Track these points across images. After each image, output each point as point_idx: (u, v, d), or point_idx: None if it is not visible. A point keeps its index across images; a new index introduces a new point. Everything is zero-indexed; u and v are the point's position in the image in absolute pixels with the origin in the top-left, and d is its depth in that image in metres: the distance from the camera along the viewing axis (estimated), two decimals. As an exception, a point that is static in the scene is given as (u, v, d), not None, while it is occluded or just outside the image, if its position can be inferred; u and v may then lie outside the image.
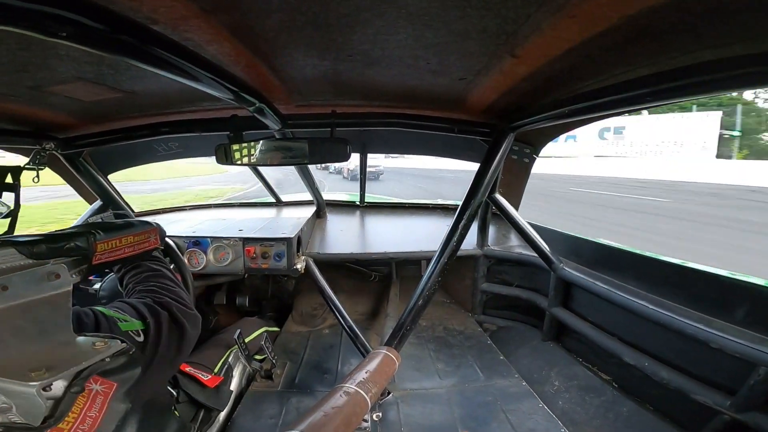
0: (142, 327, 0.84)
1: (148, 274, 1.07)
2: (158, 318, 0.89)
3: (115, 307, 0.85)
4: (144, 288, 1.01)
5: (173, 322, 0.93)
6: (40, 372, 0.58)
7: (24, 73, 0.88)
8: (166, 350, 0.88)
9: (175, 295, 1.01)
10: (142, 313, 0.87)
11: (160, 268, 1.11)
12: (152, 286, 1.01)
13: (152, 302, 0.93)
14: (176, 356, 0.94)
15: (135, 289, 1.01)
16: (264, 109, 1.14)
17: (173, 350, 0.91)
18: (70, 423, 0.61)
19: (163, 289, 1.02)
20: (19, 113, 1.23)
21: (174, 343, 0.91)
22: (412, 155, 2.68)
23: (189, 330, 0.96)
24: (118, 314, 0.81)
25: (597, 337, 1.55)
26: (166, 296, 0.99)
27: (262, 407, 1.53)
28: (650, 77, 0.82)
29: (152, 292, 0.99)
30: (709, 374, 1.16)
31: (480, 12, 0.64)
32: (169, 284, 1.05)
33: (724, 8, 0.58)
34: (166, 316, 0.92)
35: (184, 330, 0.95)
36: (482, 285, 2.31)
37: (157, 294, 0.98)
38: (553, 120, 1.18)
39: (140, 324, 0.84)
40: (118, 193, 2.14)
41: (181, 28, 0.67)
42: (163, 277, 1.08)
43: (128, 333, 0.79)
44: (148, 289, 1.00)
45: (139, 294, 0.98)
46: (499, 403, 1.53)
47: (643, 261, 1.46)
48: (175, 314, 0.94)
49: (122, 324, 0.79)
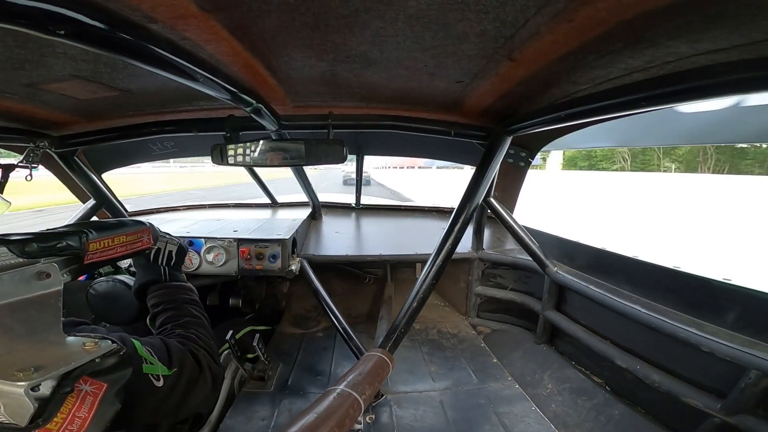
0: (166, 373, 0.84)
1: (188, 320, 1.08)
2: (185, 368, 0.91)
3: (150, 344, 0.86)
4: (184, 333, 1.02)
5: (201, 378, 0.95)
6: (29, 372, 0.57)
7: (20, 70, 0.87)
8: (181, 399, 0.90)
9: (211, 350, 1.04)
10: (173, 361, 0.88)
11: (201, 317, 1.13)
12: (192, 334, 1.03)
13: (189, 351, 0.95)
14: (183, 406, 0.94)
15: (174, 332, 1.02)
16: (261, 110, 1.14)
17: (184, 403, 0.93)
18: (59, 423, 0.60)
19: (201, 339, 1.04)
20: (14, 110, 1.22)
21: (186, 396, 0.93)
22: (408, 157, 2.68)
23: (209, 390, 1.00)
24: (148, 355, 0.82)
25: (589, 341, 1.55)
26: (203, 349, 1.01)
27: (254, 409, 1.52)
28: (646, 82, 0.83)
29: (191, 341, 1.01)
30: (700, 377, 1.17)
31: (478, 15, 0.64)
32: (206, 336, 1.07)
33: (720, 14, 0.59)
34: (196, 370, 0.94)
35: (206, 386, 0.98)
36: (476, 288, 2.32)
37: (196, 344, 1.00)
38: (549, 124, 1.19)
39: (166, 370, 0.85)
40: (111, 192, 2.12)
41: (180, 27, 0.67)
42: (203, 327, 1.10)
43: (147, 375, 0.80)
44: (188, 336, 1.02)
45: (179, 338, 1.00)
46: (492, 406, 1.53)
47: (636, 265, 1.47)
48: (205, 372, 0.97)
49: (146, 366, 0.80)
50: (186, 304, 1.13)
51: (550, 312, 1.82)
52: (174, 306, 1.11)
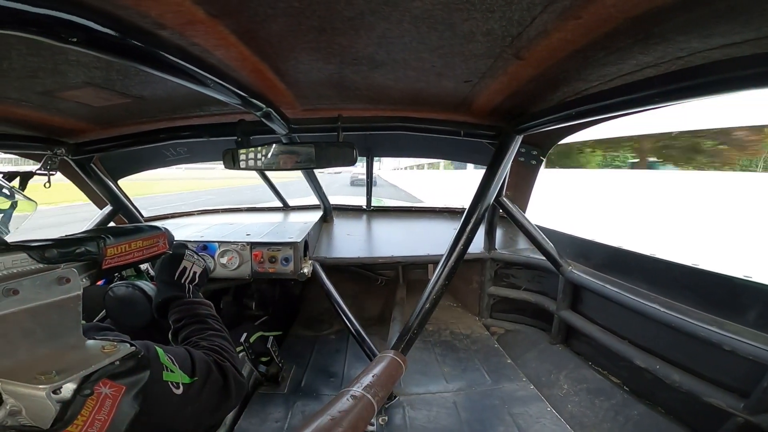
0: (186, 381, 0.84)
1: (212, 333, 1.09)
2: (210, 379, 0.91)
3: (174, 353, 0.86)
4: (209, 345, 1.03)
5: (225, 389, 0.95)
6: (50, 375, 0.58)
7: (35, 78, 0.89)
8: (202, 410, 0.90)
9: (235, 362, 1.04)
10: (196, 369, 0.88)
11: (222, 330, 1.14)
12: (217, 346, 1.04)
13: (213, 363, 0.95)
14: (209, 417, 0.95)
15: (199, 344, 1.03)
16: (271, 114, 1.15)
17: (207, 413, 0.93)
18: (79, 426, 0.61)
19: (225, 351, 1.04)
20: (30, 118, 1.25)
21: (211, 406, 0.93)
22: (419, 158, 2.67)
23: (233, 401, 1.00)
24: (169, 363, 0.82)
25: (607, 340, 1.53)
26: (228, 362, 1.01)
27: (268, 410, 1.53)
28: (658, 78, 0.81)
29: (216, 352, 1.01)
30: (722, 377, 1.14)
31: (484, 14, 0.64)
32: (230, 349, 1.08)
33: (730, 8, 0.57)
34: (220, 381, 0.94)
35: (229, 399, 0.98)
36: (489, 288, 2.30)
37: (221, 356, 1.01)
38: (559, 122, 1.17)
39: (186, 378, 0.85)
40: (128, 198, 2.16)
41: (188, 33, 0.68)
42: (226, 340, 1.10)
43: (167, 383, 0.79)
44: (213, 348, 1.03)
45: (203, 350, 1.00)
46: (507, 406, 1.52)
47: (654, 263, 1.44)
48: (230, 383, 0.97)
49: (166, 374, 0.80)
50: (208, 318, 1.14)
51: (566, 312, 1.80)
52: (197, 320, 1.12)
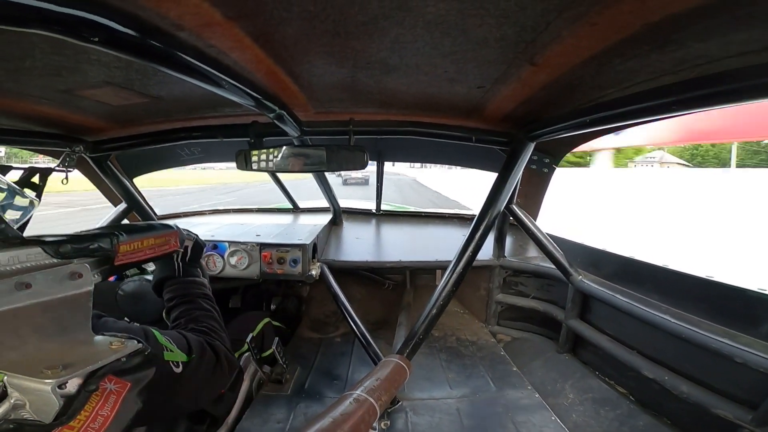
0: (185, 360, 0.87)
1: (200, 314, 1.11)
2: (204, 357, 0.94)
3: (168, 335, 0.89)
4: (197, 327, 1.05)
5: (218, 367, 0.98)
6: (57, 369, 0.59)
7: (57, 76, 0.91)
8: (199, 387, 0.93)
9: (224, 341, 1.07)
10: (192, 347, 0.91)
11: (212, 309, 1.15)
12: (204, 327, 1.06)
13: (205, 342, 0.98)
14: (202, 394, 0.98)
15: (188, 326, 1.05)
16: (283, 116, 1.16)
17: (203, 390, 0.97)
18: (81, 421, 0.62)
19: (214, 331, 1.06)
20: (51, 116, 1.28)
21: (205, 383, 0.96)
22: (430, 164, 2.67)
23: (227, 377, 1.03)
24: (168, 343, 0.85)
25: (615, 350, 1.50)
26: (218, 341, 1.04)
27: (271, 411, 1.53)
28: (675, 86, 0.80)
29: (205, 333, 1.03)
30: (731, 388, 1.11)
31: (498, 20, 0.64)
32: (219, 328, 1.10)
33: (750, 15, 0.56)
34: (213, 359, 0.97)
35: (224, 375, 1.01)
36: (497, 296, 2.28)
37: (210, 336, 1.03)
38: (573, 129, 1.16)
39: (185, 357, 0.87)
40: (142, 196, 2.20)
41: (205, 34, 0.69)
42: (215, 320, 1.12)
43: (168, 362, 0.82)
44: (201, 329, 1.05)
45: (193, 331, 1.02)
46: (510, 414, 1.50)
47: (665, 274, 1.41)
48: (222, 361, 0.99)
49: (166, 353, 0.82)
50: (198, 299, 1.15)
51: (574, 321, 1.77)
52: (187, 300, 1.13)
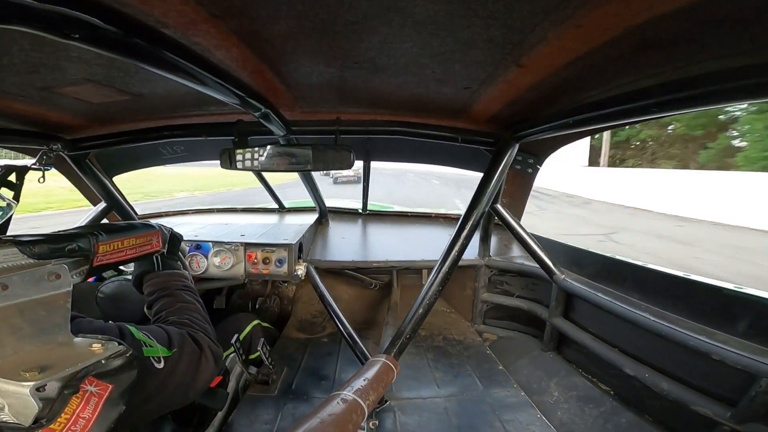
0: (166, 354, 0.84)
1: (182, 305, 1.09)
2: (186, 350, 0.91)
3: (146, 330, 0.86)
4: (178, 320, 1.03)
5: (202, 359, 0.95)
6: (35, 372, 0.57)
7: (35, 73, 0.88)
8: (185, 381, 0.90)
9: (206, 332, 1.04)
10: (173, 342, 0.89)
11: (194, 301, 1.13)
12: (186, 319, 1.03)
13: (186, 334, 0.95)
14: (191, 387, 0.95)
15: (168, 319, 1.03)
16: (269, 115, 1.15)
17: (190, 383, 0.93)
18: (62, 424, 0.60)
19: (196, 323, 1.04)
20: (28, 113, 1.24)
21: (191, 376, 0.93)
22: (416, 164, 2.68)
23: (213, 368, 1.00)
24: (146, 338, 0.82)
25: (597, 348, 1.53)
26: (200, 332, 1.01)
27: (258, 412, 1.52)
28: (655, 87, 0.82)
29: (186, 325, 1.01)
30: (710, 386, 1.15)
31: (486, 21, 0.64)
32: (201, 320, 1.08)
33: (731, 18, 0.58)
34: (197, 352, 0.94)
35: (209, 368, 0.97)
36: (483, 295, 2.30)
37: (192, 328, 1.00)
38: (557, 130, 1.18)
39: (165, 351, 0.85)
40: (122, 195, 2.15)
41: (191, 32, 0.68)
42: (197, 311, 1.10)
43: (149, 358, 0.79)
44: (182, 321, 1.02)
45: (174, 324, 1.00)
46: (497, 413, 1.52)
47: (645, 273, 1.45)
48: (206, 353, 0.97)
49: (145, 349, 0.80)
50: (179, 291, 1.13)
51: (558, 319, 1.80)
52: (167, 293, 1.11)
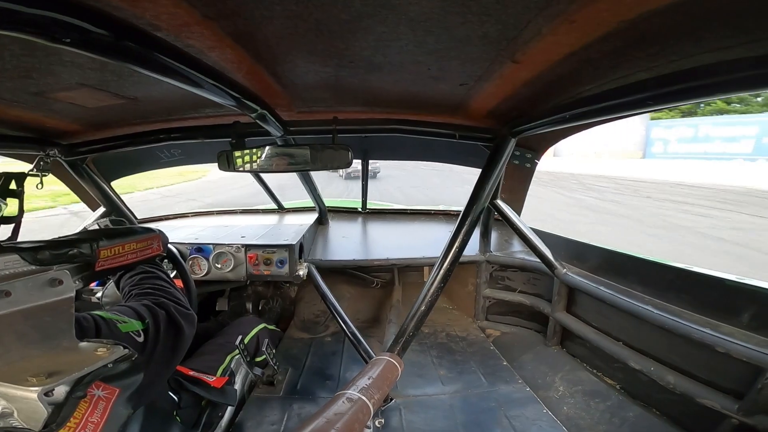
0: (141, 327, 0.85)
1: (142, 276, 1.08)
2: (156, 318, 0.90)
3: (114, 311, 0.86)
4: (140, 291, 1.02)
5: (170, 322, 0.94)
6: (42, 377, 0.58)
7: (28, 79, 0.88)
8: (164, 349, 0.89)
9: (171, 295, 1.03)
10: (141, 314, 0.88)
11: (155, 270, 1.13)
12: (147, 288, 1.03)
13: (150, 303, 0.94)
14: (173, 356, 0.95)
15: (131, 293, 1.02)
16: (266, 116, 1.14)
17: (169, 350, 0.92)
18: (72, 428, 0.61)
19: (158, 289, 1.03)
20: (23, 119, 1.24)
21: (170, 343, 0.92)
22: (414, 161, 2.68)
23: (186, 329, 0.98)
24: (117, 316, 0.82)
25: (601, 342, 1.54)
26: (162, 297, 1.00)
27: (264, 413, 1.52)
28: (650, 81, 0.82)
29: (149, 294, 1.00)
30: (716, 378, 1.15)
31: (480, 18, 0.64)
32: (164, 285, 1.07)
33: (724, 11, 0.58)
34: (164, 316, 0.93)
35: (181, 329, 0.96)
36: (485, 291, 2.30)
37: (153, 295, 1.00)
38: (554, 125, 1.18)
39: (140, 324, 0.85)
40: (121, 200, 2.15)
41: (184, 34, 0.68)
42: (158, 278, 1.10)
43: (129, 334, 0.80)
44: (144, 291, 1.02)
45: (136, 297, 0.99)
46: (503, 409, 1.52)
47: (648, 266, 1.45)
48: (173, 314, 0.96)
49: (122, 326, 0.80)
50: (138, 264, 1.12)
51: (561, 314, 1.81)
52: (128, 270, 1.12)
